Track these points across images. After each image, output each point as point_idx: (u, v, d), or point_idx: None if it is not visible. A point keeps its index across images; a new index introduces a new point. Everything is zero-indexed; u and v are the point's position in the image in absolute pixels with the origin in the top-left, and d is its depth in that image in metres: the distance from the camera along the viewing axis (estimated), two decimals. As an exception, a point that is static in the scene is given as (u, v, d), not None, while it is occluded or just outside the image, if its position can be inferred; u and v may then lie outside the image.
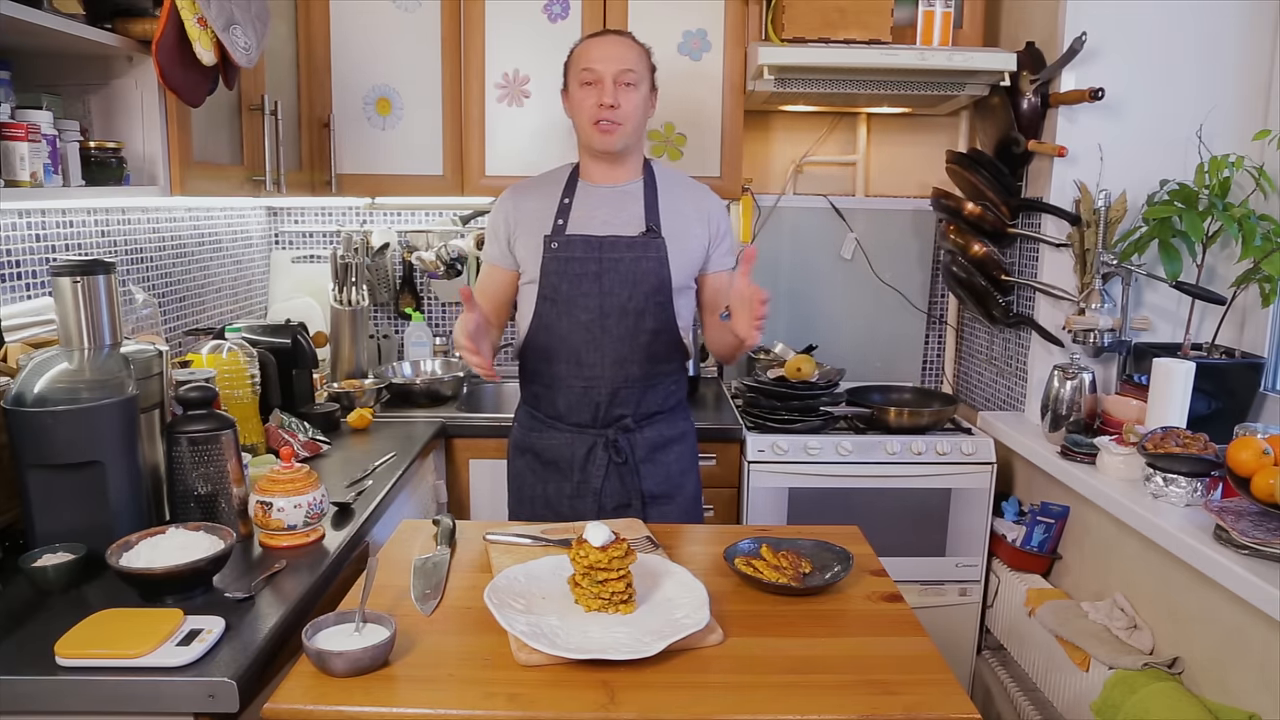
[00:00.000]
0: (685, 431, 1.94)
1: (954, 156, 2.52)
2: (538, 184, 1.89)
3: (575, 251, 1.78)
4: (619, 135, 1.77)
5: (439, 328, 2.98)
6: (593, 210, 1.82)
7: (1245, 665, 1.57)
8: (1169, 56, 2.23)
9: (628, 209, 1.82)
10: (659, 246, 1.79)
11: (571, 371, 1.82)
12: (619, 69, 1.75)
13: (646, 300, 1.79)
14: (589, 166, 1.85)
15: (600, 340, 1.79)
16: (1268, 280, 2.01)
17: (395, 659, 1.12)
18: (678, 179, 1.91)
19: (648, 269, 1.78)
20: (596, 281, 1.78)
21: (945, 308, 2.97)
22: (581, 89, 1.77)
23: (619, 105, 1.74)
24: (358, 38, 2.48)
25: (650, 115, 1.85)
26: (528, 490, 1.91)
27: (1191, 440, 1.84)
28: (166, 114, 1.69)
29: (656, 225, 1.80)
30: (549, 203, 1.83)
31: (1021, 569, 2.30)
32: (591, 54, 1.77)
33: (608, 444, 1.83)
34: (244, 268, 2.74)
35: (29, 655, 1.11)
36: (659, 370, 1.85)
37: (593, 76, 1.75)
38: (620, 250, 1.78)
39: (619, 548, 1.22)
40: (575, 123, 1.82)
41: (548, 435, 1.88)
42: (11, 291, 1.69)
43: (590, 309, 1.79)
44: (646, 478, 1.86)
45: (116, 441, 1.34)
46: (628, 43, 1.80)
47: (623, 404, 1.83)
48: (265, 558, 1.43)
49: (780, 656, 1.16)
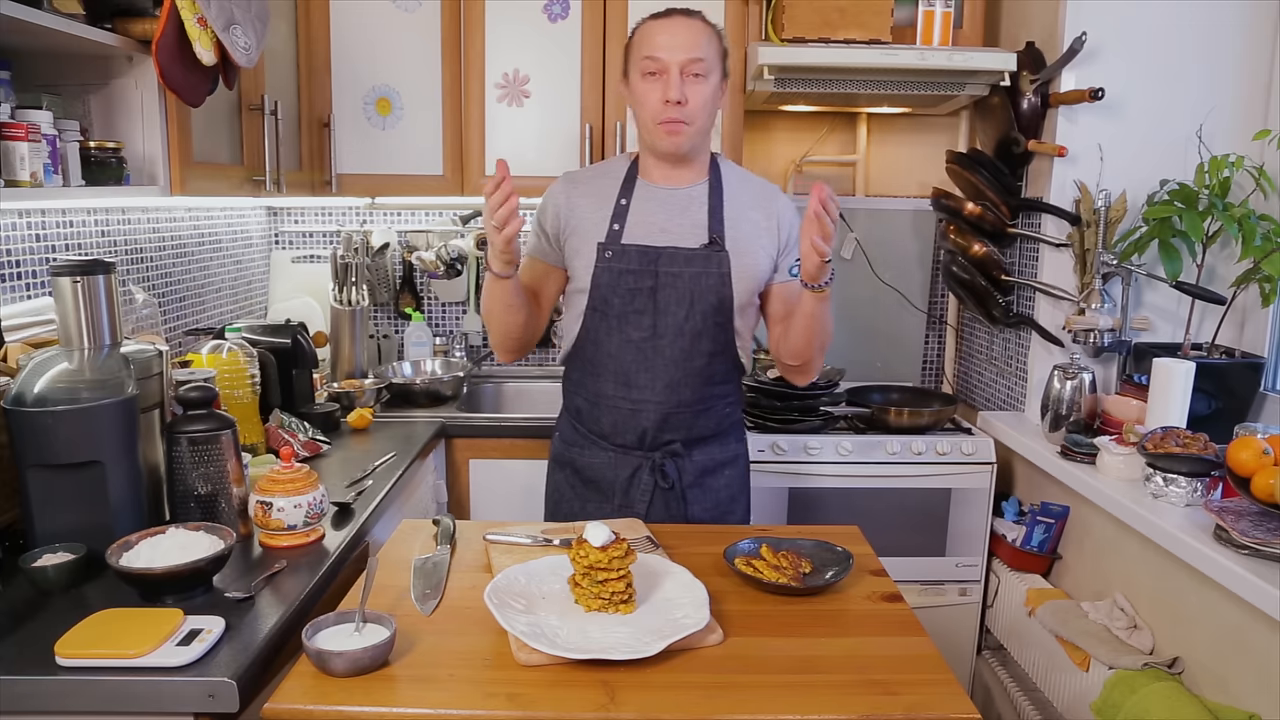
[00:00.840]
0: (738, 454, 1.80)
1: (954, 156, 2.52)
2: (593, 177, 1.72)
3: (630, 264, 1.61)
4: (686, 136, 1.59)
5: (439, 328, 2.98)
6: (651, 215, 1.65)
7: (1245, 665, 1.57)
8: (1169, 56, 2.23)
9: (690, 215, 1.65)
10: (722, 261, 1.62)
11: (619, 391, 1.67)
12: (687, 57, 1.54)
13: (705, 320, 1.63)
14: (649, 165, 1.68)
15: (652, 361, 1.64)
16: (1268, 280, 2.01)
17: (395, 659, 1.12)
18: (746, 181, 1.72)
19: (708, 286, 1.62)
20: (651, 298, 1.62)
21: (945, 308, 2.97)
22: (644, 80, 1.58)
23: (686, 101, 1.55)
24: (358, 38, 2.48)
25: (720, 106, 1.65)
26: (565, 507, 1.78)
27: (1191, 440, 1.84)
28: (166, 114, 1.69)
29: (720, 237, 1.63)
30: (604, 202, 1.67)
31: (1021, 569, 2.30)
32: (656, 39, 1.56)
33: (654, 468, 1.70)
34: (244, 268, 2.74)
35: (29, 655, 1.11)
36: (714, 393, 1.70)
37: (657, 66, 1.55)
38: (679, 264, 1.62)
39: (619, 548, 1.22)
40: (637, 117, 1.63)
41: (590, 452, 1.75)
42: (11, 291, 1.69)
43: (643, 327, 1.63)
44: (693, 504, 1.73)
45: (116, 441, 1.34)
46: (698, 25, 1.58)
47: (673, 429, 1.69)
48: (265, 558, 1.43)
49: (780, 656, 1.16)
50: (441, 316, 2.99)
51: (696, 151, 1.66)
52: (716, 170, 1.70)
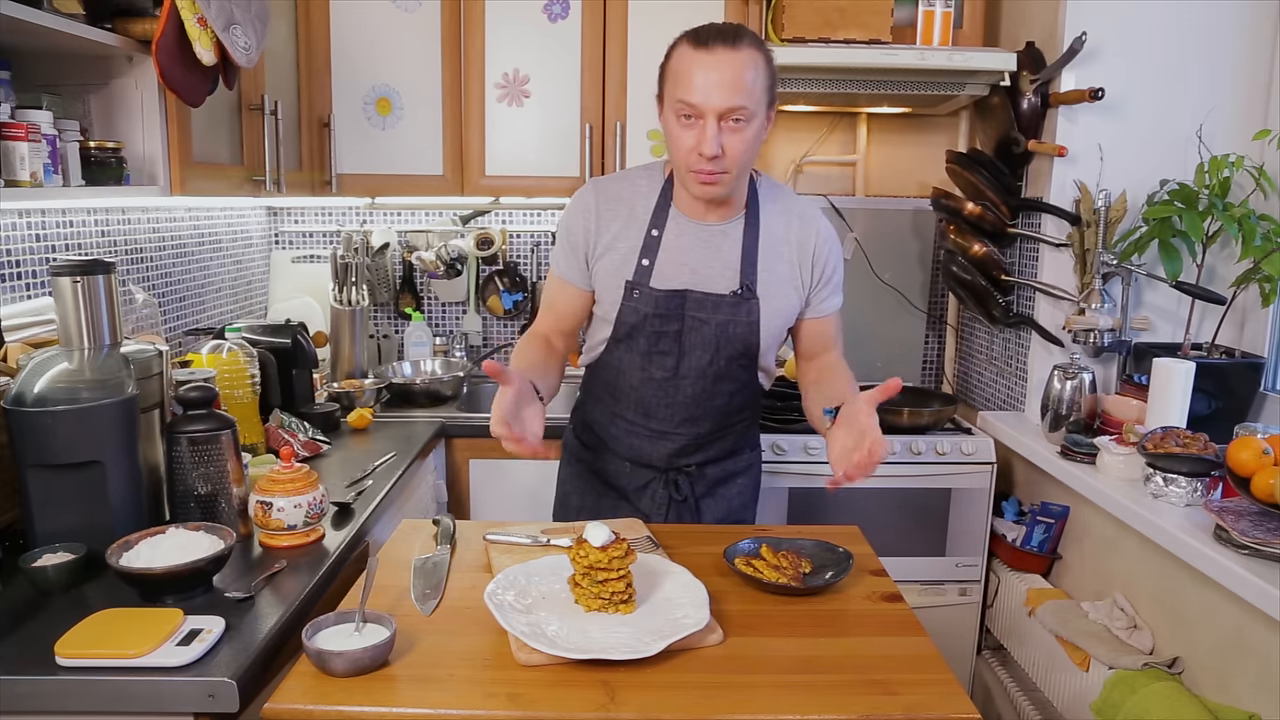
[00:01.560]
0: (752, 463, 1.80)
1: (954, 156, 2.52)
2: (624, 196, 1.59)
3: (658, 307, 1.55)
4: (722, 186, 1.46)
5: (439, 328, 2.98)
6: (683, 254, 1.56)
7: (1245, 665, 1.57)
8: (1169, 56, 2.23)
9: (722, 256, 1.56)
10: (751, 309, 1.55)
11: (638, 420, 1.67)
12: (726, 106, 1.37)
13: (729, 364, 1.60)
14: (683, 197, 1.55)
15: (673, 399, 1.63)
16: (1268, 280, 2.01)
17: (395, 659, 1.12)
18: (782, 206, 1.60)
19: (736, 334, 1.56)
20: (676, 341, 1.58)
21: (945, 308, 2.97)
22: (678, 121, 1.42)
23: (724, 153, 1.40)
24: (358, 38, 2.48)
25: (765, 137, 1.48)
26: (575, 500, 1.78)
27: (1191, 440, 1.84)
28: (166, 114, 1.69)
29: (752, 283, 1.55)
30: (635, 228, 1.57)
31: (1021, 569, 2.30)
32: (694, 80, 1.38)
33: (668, 482, 1.70)
34: (244, 268, 2.74)
35: (29, 655, 1.11)
36: (731, 420, 1.70)
37: (692, 111, 1.39)
38: (707, 310, 1.55)
39: (619, 548, 1.22)
40: (670, 157, 1.49)
41: (605, 458, 1.74)
42: (11, 291, 1.69)
43: (666, 367, 1.60)
44: (706, 513, 1.73)
45: (116, 441, 1.34)
46: (742, 61, 1.37)
47: (690, 453, 1.69)
48: (265, 558, 1.43)
49: (780, 656, 1.15)
50: (441, 316, 2.99)
51: (734, 192, 1.54)
52: (754, 198, 1.58)
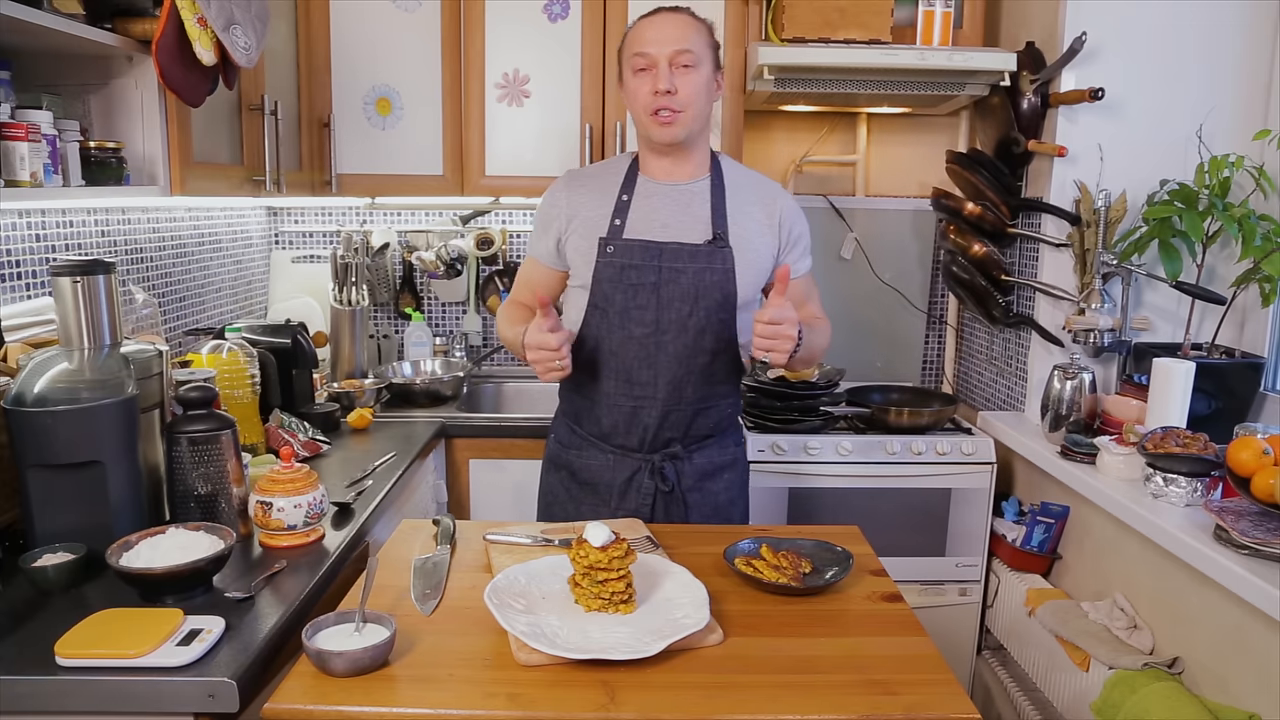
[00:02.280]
0: (736, 458, 1.80)
1: (954, 156, 2.52)
2: (594, 176, 1.72)
3: (633, 259, 1.62)
4: (679, 124, 1.60)
5: (439, 328, 2.98)
6: (654, 211, 1.65)
7: (1245, 665, 1.57)
8: (1169, 56, 2.23)
9: (693, 211, 1.66)
10: (725, 257, 1.62)
11: (620, 389, 1.67)
12: (674, 49, 1.57)
13: (708, 317, 1.63)
14: (649, 161, 1.69)
15: (655, 357, 1.64)
16: (1268, 280, 2.01)
17: (395, 659, 1.12)
18: (748, 177, 1.73)
19: (712, 282, 1.62)
20: (654, 293, 1.62)
21: (945, 308, 2.97)
22: (635, 76, 1.60)
23: (676, 90, 1.57)
24: (358, 38, 2.48)
25: (716, 99, 1.67)
26: (559, 510, 1.78)
27: (1191, 440, 1.84)
28: (166, 114, 1.69)
29: (724, 232, 1.64)
30: (605, 199, 1.67)
31: (1021, 569, 2.30)
32: (644, 36, 1.60)
33: (653, 471, 1.70)
34: (244, 268, 2.74)
35: (29, 655, 1.11)
36: (715, 391, 1.71)
37: (646, 61, 1.58)
38: (683, 260, 1.62)
39: (619, 548, 1.22)
40: (633, 114, 1.65)
41: (587, 454, 1.74)
42: (11, 291, 1.69)
43: (646, 323, 1.63)
44: (693, 508, 1.73)
45: (116, 441, 1.34)
46: (684, 19, 1.61)
47: (673, 427, 1.69)
48: (265, 558, 1.43)
49: (780, 656, 1.16)
50: (441, 316, 2.99)
51: (694, 144, 1.66)
52: (718, 167, 1.70)
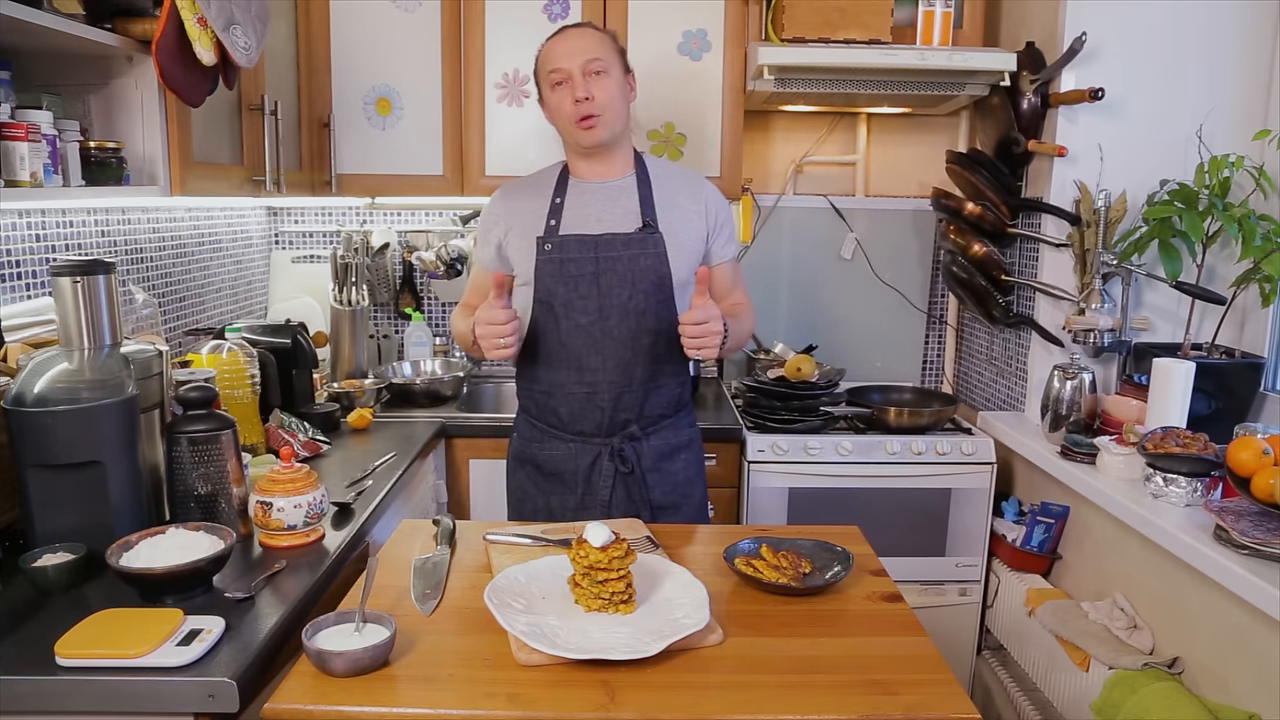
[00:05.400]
0: (692, 439, 1.88)
1: (954, 156, 2.52)
2: (528, 184, 1.84)
3: (570, 252, 1.72)
4: (601, 126, 1.71)
5: (439, 328, 2.98)
6: (586, 208, 1.77)
7: (1245, 665, 1.57)
8: (1169, 56, 2.23)
9: (622, 204, 1.77)
10: (657, 242, 1.74)
11: (572, 377, 1.77)
12: (584, 60, 1.69)
13: (647, 299, 1.73)
14: (578, 164, 1.81)
15: (601, 343, 1.74)
16: (1268, 280, 2.01)
17: (395, 659, 1.12)
18: (671, 170, 1.86)
19: (647, 266, 1.73)
20: (594, 282, 1.72)
21: (945, 308, 2.97)
22: (554, 91, 1.73)
23: (594, 96, 1.69)
24: (358, 38, 2.48)
25: (632, 99, 1.79)
26: (529, 504, 1.85)
27: (1191, 440, 1.84)
28: (166, 114, 1.69)
29: (653, 220, 1.75)
30: (540, 203, 1.78)
31: (1021, 569, 2.30)
32: (555, 52, 1.72)
33: (613, 453, 1.78)
34: (244, 268, 2.74)
35: (29, 655, 1.11)
36: (663, 371, 1.79)
37: (561, 75, 1.70)
38: (617, 248, 1.73)
39: (619, 548, 1.22)
40: (557, 127, 1.77)
41: (549, 445, 1.82)
42: (11, 291, 1.69)
43: (589, 311, 1.73)
44: (654, 488, 1.81)
45: (116, 441, 1.34)
46: (587, 32, 1.75)
47: (627, 408, 1.77)
48: (265, 558, 1.43)
49: (780, 656, 1.16)
50: (441, 316, 2.98)
51: (617, 143, 1.78)
52: (642, 164, 1.82)
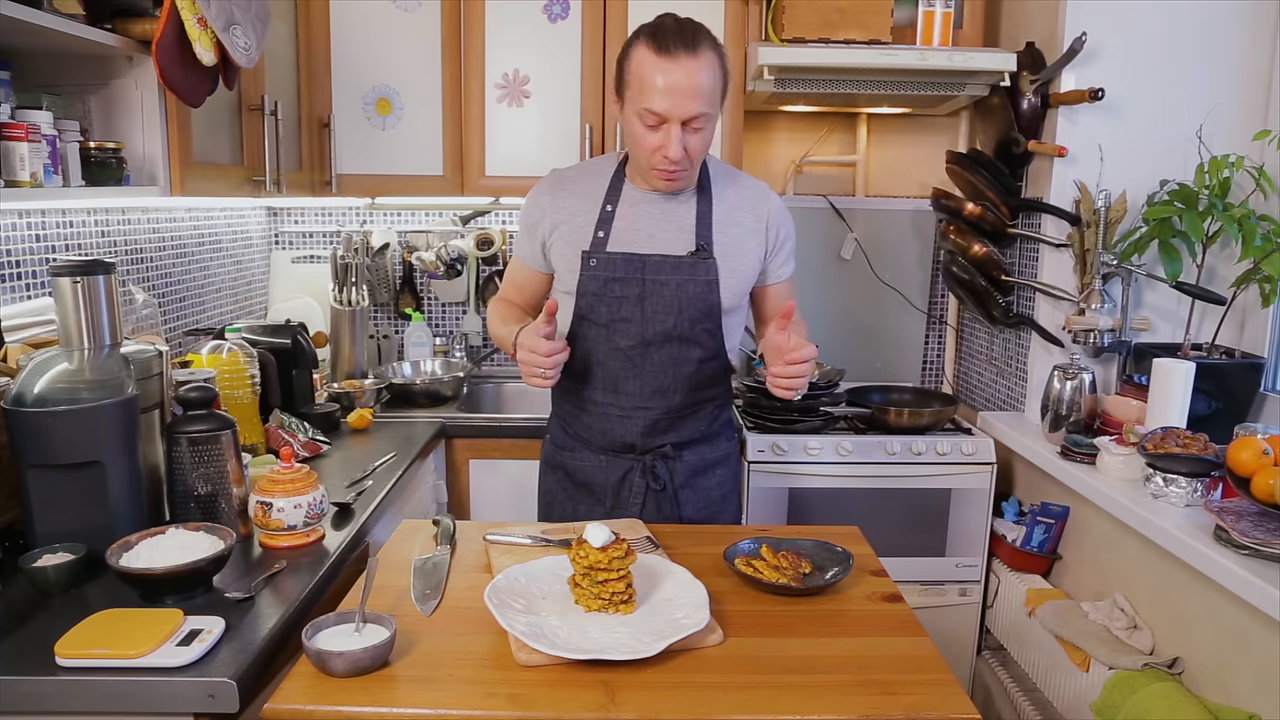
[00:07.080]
0: (728, 454, 1.79)
1: (954, 156, 2.52)
2: (579, 179, 1.67)
3: (616, 272, 1.59)
4: (682, 181, 1.57)
5: (439, 328, 2.98)
6: (638, 222, 1.62)
7: (1245, 665, 1.57)
8: (1169, 56, 2.23)
9: (677, 220, 1.62)
10: (709, 268, 1.59)
11: (608, 399, 1.68)
12: (689, 114, 1.46)
13: (693, 326, 1.61)
14: (638, 174, 1.63)
15: (641, 368, 1.64)
16: (1268, 280, 2.01)
17: (395, 659, 1.12)
18: (733, 180, 1.68)
19: (695, 293, 1.60)
20: (639, 306, 1.60)
21: (945, 308, 2.97)
22: (641, 120, 1.49)
23: (688, 152, 1.50)
24: (358, 38, 2.48)
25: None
26: (558, 509, 1.79)
27: (1191, 440, 1.84)
28: (166, 114, 1.69)
29: (708, 243, 1.60)
30: (590, 204, 1.63)
31: (1021, 569, 2.30)
32: (655, 87, 1.45)
33: (645, 470, 1.70)
34: (244, 268, 2.74)
35: (29, 655, 1.11)
36: (702, 396, 1.70)
37: (656, 120, 1.48)
38: (666, 272, 1.59)
39: (619, 548, 1.22)
40: (629, 143, 1.58)
41: (580, 455, 1.75)
42: (11, 291, 1.69)
43: (631, 335, 1.62)
44: (685, 504, 1.73)
45: (116, 441, 1.34)
46: (701, 65, 1.45)
47: (662, 433, 1.69)
48: (265, 558, 1.43)
49: (780, 656, 1.16)
50: (441, 316, 2.99)
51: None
52: (705, 171, 1.65)
